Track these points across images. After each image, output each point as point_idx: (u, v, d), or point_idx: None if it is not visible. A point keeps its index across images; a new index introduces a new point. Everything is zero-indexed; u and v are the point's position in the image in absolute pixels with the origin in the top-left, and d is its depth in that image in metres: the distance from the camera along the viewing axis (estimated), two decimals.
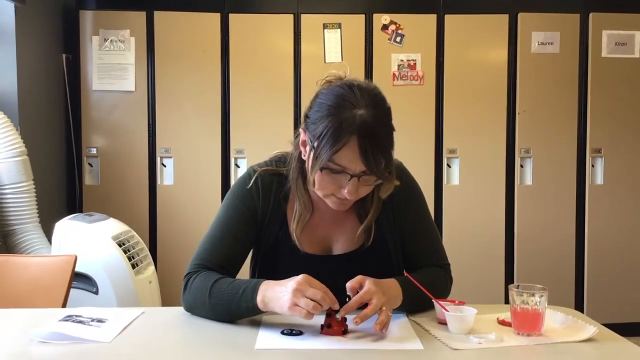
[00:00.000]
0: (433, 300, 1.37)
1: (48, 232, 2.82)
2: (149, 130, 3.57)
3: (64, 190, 3.60)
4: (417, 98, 3.62)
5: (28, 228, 2.83)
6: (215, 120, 3.58)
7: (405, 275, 1.41)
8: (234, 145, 3.59)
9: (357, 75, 1.43)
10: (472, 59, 3.65)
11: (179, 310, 1.47)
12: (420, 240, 1.56)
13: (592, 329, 1.28)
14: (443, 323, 1.34)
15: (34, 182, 2.87)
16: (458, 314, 1.31)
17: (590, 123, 3.67)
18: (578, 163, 3.70)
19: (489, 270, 3.69)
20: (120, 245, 2.65)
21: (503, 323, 1.36)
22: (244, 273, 1.56)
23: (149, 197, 3.58)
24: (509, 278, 3.68)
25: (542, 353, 1.21)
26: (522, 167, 3.69)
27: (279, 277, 1.36)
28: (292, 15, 3.58)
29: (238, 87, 3.57)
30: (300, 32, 3.58)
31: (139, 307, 2.17)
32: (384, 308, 1.29)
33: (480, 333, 1.28)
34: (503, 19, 3.64)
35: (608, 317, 3.40)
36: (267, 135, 3.48)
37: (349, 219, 1.53)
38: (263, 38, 3.58)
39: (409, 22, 3.61)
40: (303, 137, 1.41)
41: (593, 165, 3.70)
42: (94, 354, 1.20)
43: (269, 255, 1.53)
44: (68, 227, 2.67)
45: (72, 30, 3.55)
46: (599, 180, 3.71)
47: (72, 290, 1.88)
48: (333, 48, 3.58)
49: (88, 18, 3.51)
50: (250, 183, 1.51)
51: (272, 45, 3.59)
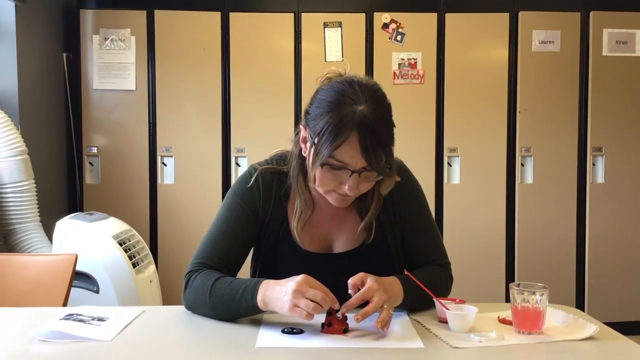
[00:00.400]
0: (434, 299, 1.37)
1: (49, 231, 2.82)
2: (150, 129, 3.57)
3: (65, 189, 3.60)
4: (417, 97, 3.62)
5: (29, 227, 2.83)
6: (216, 119, 3.58)
7: (406, 274, 1.41)
8: (235, 144, 3.59)
9: (357, 74, 1.43)
10: (472, 58, 3.64)
11: (180, 309, 1.47)
12: (421, 239, 1.56)
13: (592, 328, 1.28)
14: (444, 321, 1.34)
15: (35, 181, 2.88)
16: (459, 313, 1.31)
17: (591, 121, 3.67)
18: (579, 161, 3.70)
19: (490, 269, 3.69)
20: (121, 244, 2.65)
21: (504, 321, 1.36)
22: (245, 271, 1.56)
23: (150, 196, 3.58)
24: (510, 277, 3.68)
25: (542, 351, 1.21)
26: (522, 165, 3.69)
27: (280, 275, 1.35)
28: (292, 14, 3.58)
29: (238, 86, 3.57)
30: (301, 30, 3.58)
31: (140, 306, 2.18)
32: (386, 306, 1.29)
33: (481, 331, 1.28)
34: (504, 18, 3.64)
35: (609, 315, 3.40)
36: (267, 134, 3.48)
37: (350, 217, 1.53)
38: (263, 37, 3.58)
39: (410, 20, 3.61)
40: (303, 133, 1.41)
41: (594, 164, 3.70)
42: (95, 353, 1.20)
43: (270, 254, 1.53)
44: (69, 226, 2.67)
45: (72, 29, 3.55)
46: (600, 179, 3.71)
47: (72, 289, 1.89)
48: (334, 47, 3.57)
49: (88, 17, 3.51)
50: (251, 181, 1.51)
51: (272, 44, 3.59)
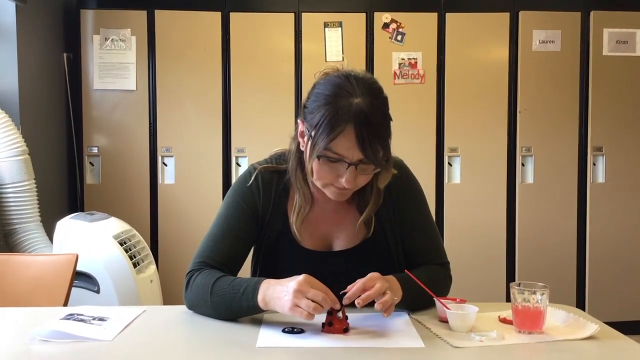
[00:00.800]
0: (434, 298, 1.37)
1: (49, 231, 2.83)
2: (150, 129, 3.57)
3: (65, 189, 3.60)
4: (418, 96, 3.62)
5: (29, 227, 2.83)
6: (216, 119, 3.58)
7: (406, 273, 1.41)
8: (235, 144, 3.59)
9: (354, 69, 1.43)
10: (473, 58, 3.64)
11: (180, 309, 1.47)
12: (420, 238, 1.56)
13: (593, 327, 1.28)
14: (444, 321, 1.34)
15: (35, 181, 2.88)
16: (459, 312, 1.31)
17: (592, 121, 3.67)
18: (579, 161, 3.70)
19: (490, 269, 3.69)
20: (122, 244, 2.65)
21: (504, 321, 1.36)
22: (245, 270, 1.56)
23: (150, 196, 3.58)
24: (510, 276, 3.68)
25: (543, 351, 1.21)
26: (523, 165, 3.68)
27: (281, 273, 1.36)
28: (293, 14, 3.58)
29: (239, 85, 3.57)
30: (301, 30, 3.58)
31: (140, 305, 2.18)
32: (388, 292, 1.29)
33: (482, 331, 1.28)
34: (504, 17, 3.64)
35: (609, 315, 3.40)
36: (268, 134, 3.48)
37: (350, 215, 1.53)
38: (264, 37, 3.58)
39: (410, 20, 3.60)
40: (301, 127, 1.41)
41: (594, 164, 3.70)
42: (95, 353, 1.20)
43: (270, 252, 1.54)
44: (69, 226, 2.67)
45: (73, 30, 3.55)
46: (600, 179, 3.70)
47: (73, 289, 1.89)
48: (334, 47, 3.57)
49: (89, 17, 3.51)
50: (251, 180, 1.52)
51: (273, 44, 3.59)
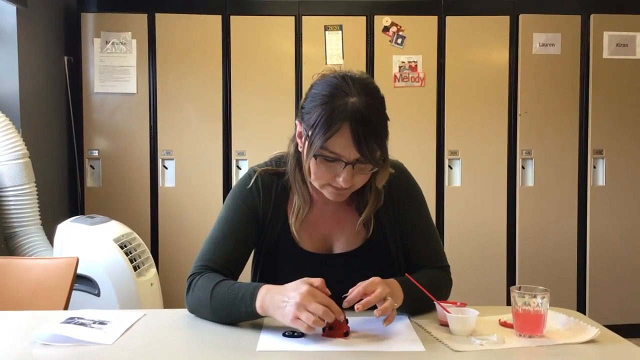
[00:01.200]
0: (435, 302, 1.38)
1: (50, 234, 2.83)
2: (151, 132, 3.57)
3: (66, 193, 3.60)
4: (418, 99, 3.62)
5: (30, 230, 2.83)
6: (217, 122, 3.58)
7: (406, 276, 1.41)
8: (236, 147, 3.59)
9: (351, 69, 1.44)
10: (473, 61, 3.65)
11: (181, 312, 1.47)
12: (421, 241, 1.56)
13: (594, 331, 1.28)
14: (445, 325, 1.34)
15: (36, 184, 2.88)
16: (460, 316, 1.31)
17: (592, 124, 3.67)
18: (579, 164, 3.70)
19: (491, 272, 3.69)
20: (122, 248, 2.65)
21: (505, 325, 1.36)
22: (246, 273, 1.56)
23: (151, 199, 3.58)
24: (511, 279, 3.68)
25: (544, 355, 1.21)
26: (523, 168, 3.68)
27: (281, 276, 1.36)
28: (293, 17, 3.58)
29: (239, 88, 3.58)
30: (302, 33, 3.58)
31: (141, 309, 2.18)
32: (389, 298, 1.29)
33: (482, 335, 1.28)
34: (504, 21, 3.64)
35: (610, 318, 3.40)
36: (268, 137, 3.48)
37: (349, 217, 1.53)
38: (264, 40, 3.58)
39: (410, 23, 3.61)
40: (299, 128, 1.42)
41: (594, 167, 3.69)
42: (96, 356, 1.20)
43: (270, 255, 1.54)
44: (70, 229, 2.67)
45: (73, 33, 3.56)
46: (601, 182, 3.70)
47: (73, 293, 1.89)
48: (334, 50, 3.58)
49: (90, 20, 3.52)
50: (251, 183, 1.53)
51: (273, 47, 3.59)
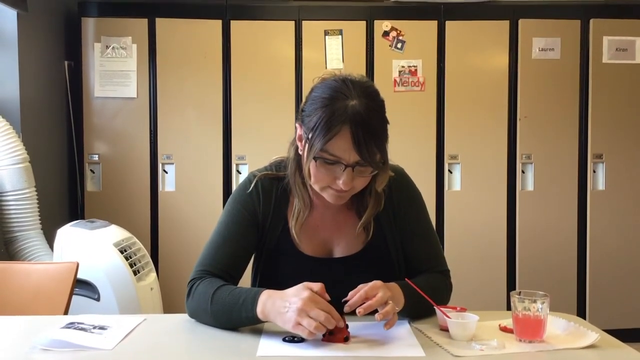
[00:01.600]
0: (435, 307, 1.37)
1: (50, 238, 2.82)
2: (151, 137, 3.57)
3: (66, 197, 3.60)
4: (418, 104, 3.62)
5: (30, 235, 2.83)
6: (217, 127, 3.58)
7: (406, 281, 1.41)
8: (236, 151, 3.59)
9: (351, 73, 1.45)
10: (473, 65, 3.65)
11: (181, 317, 1.47)
12: (421, 245, 1.57)
13: (594, 336, 1.28)
14: (445, 330, 1.34)
15: (36, 188, 2.88)
16: (460, 321, 1.31)
17: (591, 128, 3.67)
18: (579, 169, 3.70)
19: (491, 276, 3.69)
20: (122, 252, 2.65)
21: (505, 330, 1.36)
22: (246, 277, 1.56)
23: (151, 203, 3.58)
24: (511, 284, 3.68)
25: None
26: (523, 172, 3.69)
27: (281, 280, 1.36)
28: (293, 22, 3.59)
29: (239, 93, 3.58)
30: (302, 38, 3.59)
31: (141, 314, 2.18)
32: (390, 302, 1.30)
33: (482, 340, 1.28)
34: (504, 25, 3.65)
35: (610, 323, 3.39)
36: (268, 141, 3.48)
37: (349, 221, 1.53)
38: (264, 44, 3.59)
39: (410, 28, 3.61)
40: (299, 132, 1.43)
41: (594, 171, 3.70)
42: None
43: (271, 259, 1.54)
44: (70, 233, 2.67)
45: (74, 38, 3.56)
46: (601, 186, 3.70)
47: (73, 297, 1.89)
48: (334, 54, 3.58)
49: (90, 25, 3.53)
50: (251, 187, 1.53)
51: (273, 52, 3.60)
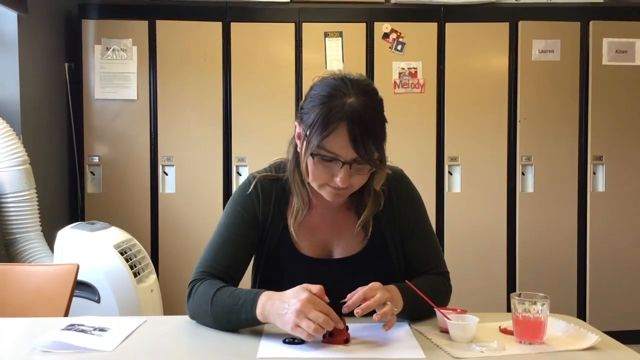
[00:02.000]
0: (435, 309, 1.38)
1: (50, 240, 2.82)
2: (151, 139, 3.57)
3: (66, 199, 3.60)
4: (418, 106, 3.63)
5: (30, 237, 2.83)
6: (217, 128, 3.58)
7: (406, 283, 1.41)
8: (236, 153, 3.59)
9: (350, 72, 1.45)
10: (473, 67, 3.65)
11: (181, 319, 1.47)
12: (420, 246, 1.57)
13: (594, 337, 1.28)
14: (445, 331, 1.34)
15: (36, 190, 2.88)
16: (460, 323, 1.31)
17: (591, 130, 3.67)
18: (579, 170, 3.70)
19: (491, 278, 3.69)
20: (122, 254, 2.65)
21: (505, 331, 1.36)
22: (246, 279, 1.56)
23: (151, 205, 3.58)
24: (511, 286, 3.67)
25: None
26: (523, 174, 3.69)
27: (281, 281, 1.36)
28: (293, 24, 3.59)
29: (240, 95, 3.58)
30: (302, 40, 3.59)
31: (141, 315, 2.18)
32: (389, 303, 1.30)
33: (482, 341, 1.28)
34: (503, 27, 3.65)
35: (610, 324, 3.38)
36: (268, 143, 3.48)
37: (349, 222, 1.53)
38: (264, 46, 3.59)
39: (410, 30, 3.62)
40: (298, 129, 1.43)
41: (594, 173, 3.70)
42: None
43: (270, 260, 1.54)
44: (70, 235, 2.67)
45: (74, 39, 3.57)
46: (601, 188, 3.71)
47: (74, 299, 1.89)
48: (334, 56, 3.59)
49: (90, 27, 3.53)
50: (250, 189, 1.53)
51: (273, 54, 3.60)
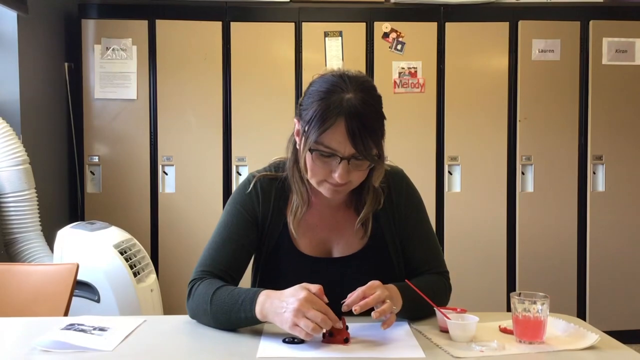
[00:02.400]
0: (435, 308, 1.38)
1: (50, 240, 2.83)
2: (151, 138, 3.57)
3: (66, 199, 3.60)
4: (418, 105, 3.63)
5: (30, 236, 2.83)
6: (217, 128, 3.58)
7: (405, 282, 1.41)
8: (236, 153, 3.59)
9: (350, 69, 1.46)
10: (472, 67, 3.65)
11: (181, 319, 1.47)
12: (420, 247, 1.57)
13: (594, 337, 1.28)
14: (445, 331, 1.34)
15: (36, 190, 2.88)
16: (460, 322, 1.31)
17: (591, 130, 3.67)
18: (579, 170, 3.70)
19: (491, 278, 3.69)
20: (122, 254, 2.65)
21: (505, 331, 1.36)
22: (246, 278, 1.56)
23: (151, 205, 3.58)
24: (511, 285, 3.68)
25: None
26: (523, 174, 3.69)
27: (280, 280, 1.37)
28: (293, 24, 3.59)
29: (239, 94, 3.58)
30: (302, 40, 3.59)
31: (141, 315, 2.18)
32: (387, 301, 1.30)
33: (482, 341, 1.28)
34: (503, 27, 3.65)
35: (610, 324, 3.40)
36: (268, 143, 3.48)
37: (349, 221, 1.53)
38: (264, 46, 3.59)
39: (410, 30, 3.62)
40: (297, 126, 1.44)
41: (594, 172, 3.70)
42: None
43: (270, 259, 1.54)
44: (70, 235, 2.67)
45: (74, 39, 3.57)
46: (600, 187, 3.71)
47: (73, 299, 1.89)
48: (334, 56, 3.59)
49: (90, 27, 3.53)
50: (250, 188, 1.53)
51: (273, 54, 3.60)
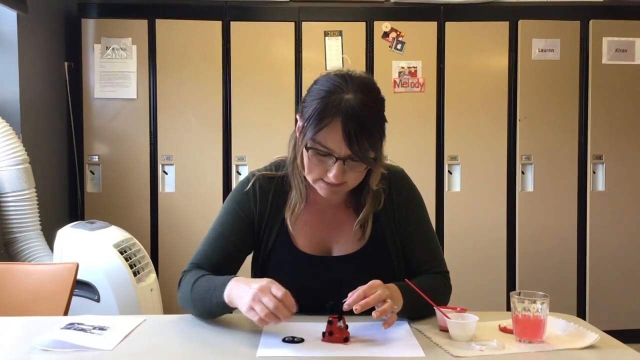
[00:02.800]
0: (435, 308, 1.38)
1: (50, 239, 2.83)
2: (151, 138, 3.57)
3: (66, 198, 3.60)
4: (417, 105, 3.63)
5: (30, 236, 2.83)
6: (217, 127, 3.58)
7: (405, 282, 1.41)
8: (236, 152, 3.59)
9: (355, 70, 1.46)
10: (472, 66, 3.65)
11: (181, 318, 1.47)
12: (420, 246, 1.57)
13: (593, 336, 1.28)
14: (445, 330, 1.34)
15: (36, 189, 2.88)
16: (460, 321, 1.31)
17: (591, 129, 3.67)
18: (579, 169, 3.70)
19: (491, 277, 3.69)
20: (122, 253, 2.65)
21: (505, 330, 1.36)
22: (247, 275, 1.56)
23: (151, 204, 3.58)
24: (511, 285, 3.68)
25: None
26: (523, 173, 3.69)
27: (279, 279, 1.37)
28: (293, 23, 3.59)
29: (239, 94, 3.58)
30: (302, 39, 3.59)
31: (141, 314, 2.18)
32: (388, 300, 1.30)
33: (482, 340, 1.28)
34: (503, 26, 3.65)
35: (610, 323, 3.39)
36: (268, 142, 3.48)
37: (348, 220, 1.54)
38: (264, 46, 3.59)
39: (410, 29, 3.62)
40: (299, 123, 1.44)
41: (594, 172, 3.70)
42: None
43: (269, 258, 1.55)
44: (70, 234, 2.67)
45: (74, 39, 3.56)
46: (600, 187, 3.71)
47: (73, 298, 1.89)
48: (334, 55, 3.59)
49: (90, 26, 3.53)
50: (248, 187, 1.54)
51: (273, 53, 3.60)
